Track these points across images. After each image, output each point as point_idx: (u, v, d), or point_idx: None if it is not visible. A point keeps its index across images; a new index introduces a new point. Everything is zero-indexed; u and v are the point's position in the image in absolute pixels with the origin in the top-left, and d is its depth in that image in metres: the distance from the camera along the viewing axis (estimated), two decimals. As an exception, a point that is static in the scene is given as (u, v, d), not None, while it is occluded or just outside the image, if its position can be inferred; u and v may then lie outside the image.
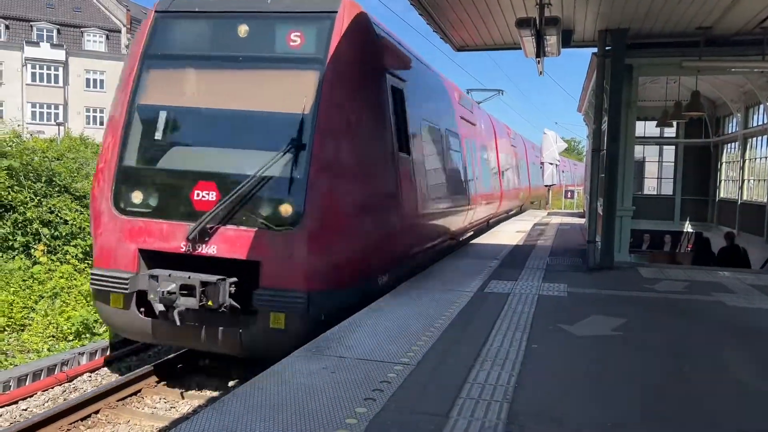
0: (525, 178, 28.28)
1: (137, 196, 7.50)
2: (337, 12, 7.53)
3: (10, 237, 14.19)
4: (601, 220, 11.11)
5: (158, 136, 7.89)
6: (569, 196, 39.95)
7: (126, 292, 7.31)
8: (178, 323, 6.96)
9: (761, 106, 15.73)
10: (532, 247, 13.85)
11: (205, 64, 7.88)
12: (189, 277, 6.91)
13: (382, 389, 4.48)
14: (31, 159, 16.45)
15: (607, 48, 10.85)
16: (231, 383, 8.19)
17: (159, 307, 6.99)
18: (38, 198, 15.27)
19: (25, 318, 11.53)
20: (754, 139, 16.81)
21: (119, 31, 54.57)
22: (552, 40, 9.10)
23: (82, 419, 7.08)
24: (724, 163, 19.53)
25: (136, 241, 7.40)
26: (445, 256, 11.68)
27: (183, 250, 7.22)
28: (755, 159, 16.74)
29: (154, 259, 7.43)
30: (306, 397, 4.30)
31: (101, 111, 51.15)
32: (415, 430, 3.80)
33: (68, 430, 6.87)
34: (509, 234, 16.99)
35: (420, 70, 10.85)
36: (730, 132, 18.70)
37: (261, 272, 7.02)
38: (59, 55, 51.54)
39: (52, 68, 51.60)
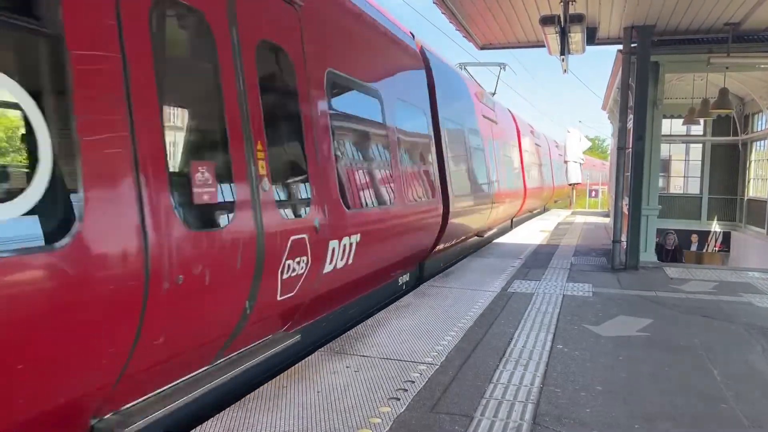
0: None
1: None
2: None
3: None
4: (626, 220, 10.98)
5: None
6: (593, 195, 39.62)
7: None
8: None
9: (792, 103, 15.41)
10: (556, 247, 13.74)
11: None
12: None
13: (406, 389, 4.48)
14: None
15: (632, 45, 10.72)
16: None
17: None
18: None
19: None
20: (785, 136, 16.47)
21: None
22: (576, 37, 9.02)
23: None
24: (753, 162, 19.13)
25: None
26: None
27: None
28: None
29: None
30: (329, 396, 4.31)
31: None
32: (439, 430, 3.80)
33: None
34: (532, 233, 16.88)
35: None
36: (759, 129, 18.32)
37: None
38: None
39: None
